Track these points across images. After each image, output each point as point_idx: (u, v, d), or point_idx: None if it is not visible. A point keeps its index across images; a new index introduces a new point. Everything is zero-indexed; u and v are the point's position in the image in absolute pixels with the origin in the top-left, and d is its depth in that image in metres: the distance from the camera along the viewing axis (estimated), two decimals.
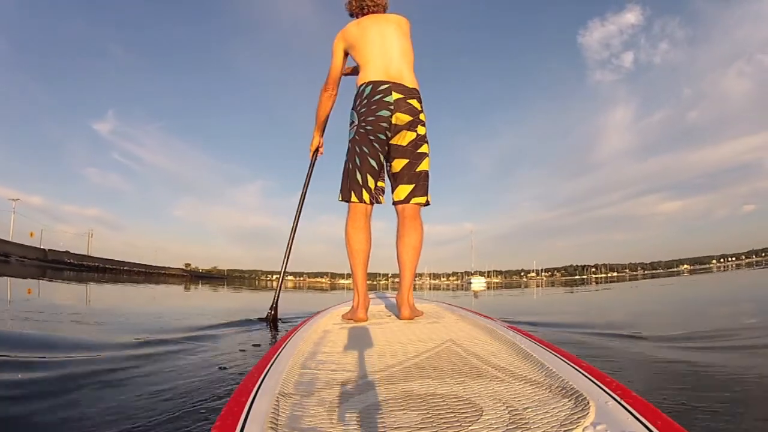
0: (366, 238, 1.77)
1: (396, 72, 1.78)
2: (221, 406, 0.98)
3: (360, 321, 1.64)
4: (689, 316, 3.87)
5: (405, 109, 1.73)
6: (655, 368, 1.73)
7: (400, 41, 1.84)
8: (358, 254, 1.75)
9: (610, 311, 5.21)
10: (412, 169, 1.78)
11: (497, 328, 1.25)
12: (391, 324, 1.58)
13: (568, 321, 3.70)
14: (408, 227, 1.77)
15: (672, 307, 5.13)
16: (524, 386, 0.78)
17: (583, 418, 0.62)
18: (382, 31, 1.84)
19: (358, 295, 1.72)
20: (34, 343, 2.04)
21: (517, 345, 1.04)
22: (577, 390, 0.72)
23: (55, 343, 2.11)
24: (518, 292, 14.61)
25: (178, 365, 1.80)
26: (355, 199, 1.76)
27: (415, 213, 1.79)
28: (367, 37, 1.84)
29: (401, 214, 1.80)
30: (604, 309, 5.69)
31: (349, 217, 1.78)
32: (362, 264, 1.75)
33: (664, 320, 3.73)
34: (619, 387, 0.71)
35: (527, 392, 0.75)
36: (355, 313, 1.69)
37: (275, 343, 1.18)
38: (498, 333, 1.21)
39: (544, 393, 0.74)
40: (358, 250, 1.75)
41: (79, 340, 2.28)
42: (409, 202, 1.79)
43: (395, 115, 1.72)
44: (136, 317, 3.84)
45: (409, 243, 1.75)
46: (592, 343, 2.34)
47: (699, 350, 2.04)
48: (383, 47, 1.81)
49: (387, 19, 1.90)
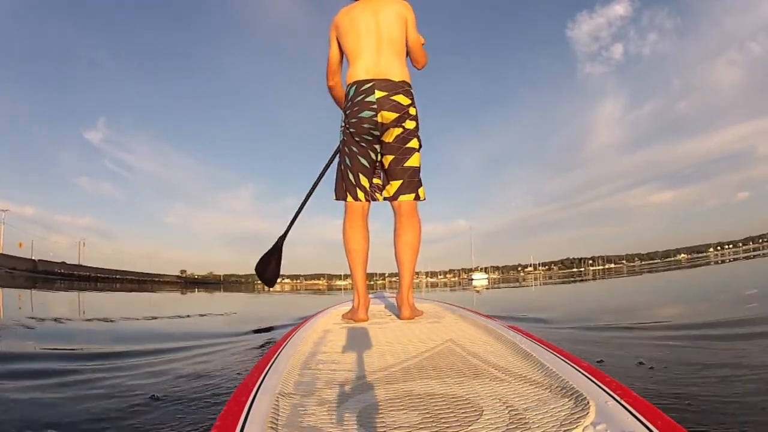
0: (364, 238, 1.76)
1: (382, 67, 1.71)
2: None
3: (360, 321, 1.64)
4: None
5: (389, 107, 1.68)
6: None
7: (390, 30, 1.75)
8: (356, 254, 1.74)
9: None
10: (399, 164, 1.74)
11: (497, 328, 1.25)
12: (391, 324, 1.58)
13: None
14: (404, 225, 1.75)
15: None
16: (524, 386, 0.78)
17: (583, 418, 0.62)
18: (372, 19, 1.75)
19: (358, 295, 1.72)
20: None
21: (517, 345, 1.04)
22: (577, 390, 0.72)
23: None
24: (519, 286, 14.55)
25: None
26: (350, 199, 1.75)
27: (410, 210, 1.76)
28: (355, 28, 1.76)
29: (397, 212, 1.78)
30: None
31: (345, 216, 1.77)
32: (361, 264, 1.75)
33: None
34: (619, 387, 0.70)
35: (527, 392, 0.75)
36: (355, 313, 1.69)
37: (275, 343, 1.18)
38: (498, 333, 1.21)
39: (544, 393, 0.74)
40: (356, 249, 1.74)
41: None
42: (397, 198, 1.76)
43: (380, 114, 1.68)
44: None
45: (407, 241, 1.74)
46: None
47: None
48: (370, 39, 1.74)
49: (381, 4, 1.78)
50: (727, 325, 2.48)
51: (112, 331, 3.52)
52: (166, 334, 3.24)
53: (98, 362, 2.01)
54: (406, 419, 0.66)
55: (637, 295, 6.77)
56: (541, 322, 3.41)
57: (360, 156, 1.74)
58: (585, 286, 11.44)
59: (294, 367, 0.95)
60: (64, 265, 42.03)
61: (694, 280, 9.10)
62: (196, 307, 7.79)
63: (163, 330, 3.66)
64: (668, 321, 2.93)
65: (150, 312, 5.70)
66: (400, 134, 1.73)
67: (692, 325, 2.68)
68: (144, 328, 3.98)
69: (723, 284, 6.93)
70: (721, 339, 2.15)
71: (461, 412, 0.67)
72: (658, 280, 11.16)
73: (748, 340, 2.05)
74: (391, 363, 0.98)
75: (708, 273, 11.64)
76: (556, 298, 8.19)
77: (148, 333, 3.43)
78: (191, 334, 3.22)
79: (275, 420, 0.65)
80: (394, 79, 1.72)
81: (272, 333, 3.22)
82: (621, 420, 0.60)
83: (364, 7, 1.79)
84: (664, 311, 3.89)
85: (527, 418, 0.64)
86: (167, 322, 4.57)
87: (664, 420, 0.59)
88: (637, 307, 4.45)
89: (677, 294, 6.13)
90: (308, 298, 11.71)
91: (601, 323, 3.11)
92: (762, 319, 2.51)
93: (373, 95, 1.68)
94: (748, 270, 10.68)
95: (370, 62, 1.73)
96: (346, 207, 1.77)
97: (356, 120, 1.70)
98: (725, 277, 9.15)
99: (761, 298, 3.69)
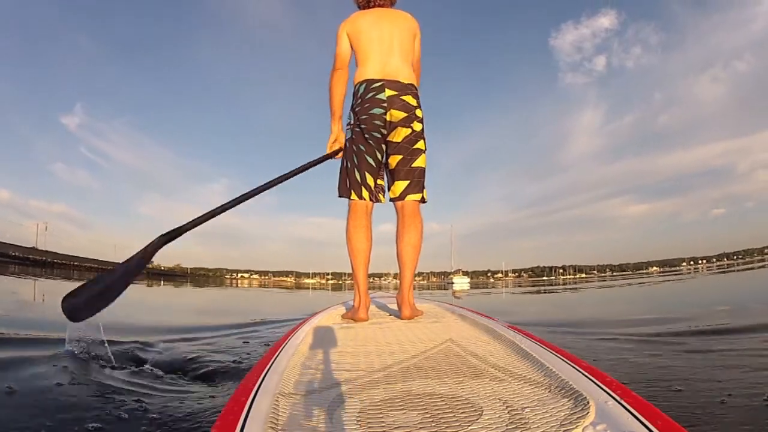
0: (367, 237, 1.76)
1: (392, 69, 1.76)
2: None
3: (360, 321, 1.64)
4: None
5: (399, 106, 1.72)
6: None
7: (402, 38, 1.82)
8: (359, 254, 1.74)
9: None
10: (406, 165, 1.76)
11: (497, 328, 1.25)
12: (391, 324, 1.58)
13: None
14: (407, 225, 1.76)
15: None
16: (524, 386, 0.78)
17: (583, 418, 0.62)
18: (385, 27, 1.82)
19: (359, 295, 1.72)
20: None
21: (517, 345, 1.04)
22: (577, 390, 0.72)
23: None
24: (493, 292, 14.58)
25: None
26: (354, 197, 1.75)
27: (414, 210, 1.78)
28: (368, 32, 1.81)
29: (400, 212, 1.79)
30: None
31: (349, 215, 1.77)
32: (363, 263, 1.75)
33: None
34: (619, 387, 0.70)
35: (527, 392, 0.75)
36: (355, 312, 1.69)
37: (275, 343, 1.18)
38: (498, 333, 1.21)
39: (544, 393, 0.74)
40: (359, 249, 1.74)
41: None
42: (404, 198, 1.77)
43: (390, 112, 1.71)
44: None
45: (409, 241, 1.74)
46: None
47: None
48: (382, 44, 1.79)
49: (392, 15, 1.86)
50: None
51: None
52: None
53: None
54: (405, 419, 0.66)
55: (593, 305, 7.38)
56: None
57: (367, 155, 1.75)
58: (559, 294, 11.65)
59: (294, 367, 0.95)
60: (18, 248, 40.98)
61: (658, 294, 9.36)
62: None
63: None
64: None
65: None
66: (408, 135, 1.76)
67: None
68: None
69: (694, 299, 7.08)
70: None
71: (461, 412, 0.67)
72: (625, 292, 11.27)
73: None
74: (391, 363, 0.98)
75: (678, 287, 11.75)
76: (549, 302, 8.56)
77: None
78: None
79: (275, 420, 0.65)
80: (403, 80, 1.76)
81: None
82: (621, 420, 0.60)
83: (380, 15, 1.86)
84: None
85: (527, 418, 0.64)
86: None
87: (664, 420, 0.59)
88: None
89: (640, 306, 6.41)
90: (282, 296, 11.64)
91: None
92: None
93: (384, 93, 1.71)
94: (720, 284, 10.83)
95: (380, 64, 1.77)
96: (350, 206, 1.78)
97: (367, 116, 1.72)
98: (694, 290, 9.35)
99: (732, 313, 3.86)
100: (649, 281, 17.39)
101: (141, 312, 5.12)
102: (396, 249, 1.77)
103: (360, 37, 1.82)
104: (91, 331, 1.99)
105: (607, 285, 15.56)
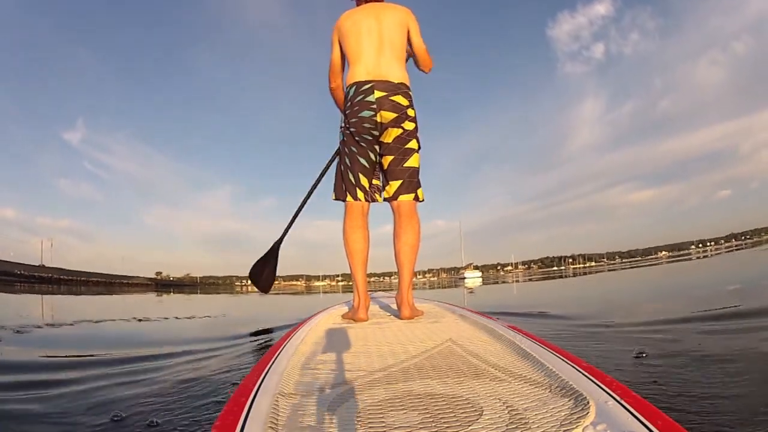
0: (364, 238, 1.76)
1: (383, 68, 1.73)
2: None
3: (360, 321, 1.64)
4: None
5: (388, 107, 1.70)
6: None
7: (391, 35, 1.78)
8: (356, 254, 1.74)
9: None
10: (398, 165, 1.75)
11: (497, 328, 1.25)
12: (391, 324, 1.58)
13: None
14: (404, 225, 1.75)
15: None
16: (524, 386, 0.78)
17: (583, 418, 0.62)
18: (372, 24, 1.78)
19: (358, 295, 1.72)
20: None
21: (517, 345, 1.04)
22: (577, 390, 0.72)
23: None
24: (506, 287, 14.40)
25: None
26: (350, 198, 1.75)
27: (410, 211, 1.77)
28: (356, 31, 1.79)
29: (396, 212, 1.79)
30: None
31: (345, 216, 1.77)
32: (361, 264, 1.75)
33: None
34: (619, 387, 0.70)
35: (527, 392, 0.75)
36: (355, 312, 1.69)
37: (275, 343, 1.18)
38: (498, 333, 1.21)
39: (544, 393, 0.74)
40: (357, 250, 1.74)
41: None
42: (397, 198, 1.76)
43: (379, 114, 1.69)
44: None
45: (406, 241, 1.74)
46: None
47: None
48: (371, 42, 1.76)
49: (380, 10, 1.81)
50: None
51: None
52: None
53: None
54: (406, 419, 0.66)
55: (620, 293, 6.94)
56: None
57: (360, 156, 1.75)
58: (573, 281, 11.52)
59: (294, 367, 0.95)
60: (23, 267, 40.52)
61: (671, 278, 9.19)
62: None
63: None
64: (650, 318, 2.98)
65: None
66: (399, 135, 1.74)
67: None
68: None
69: (703, 280, 6.97)
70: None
71: (461, 412, 0.67)
72: (639, 275, 11.18)
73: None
74: (391, 363, 0.98)
75: (689, 268, 11.64)
76: (567, 292, 8.28)
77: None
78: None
79: (275, 420, 0.65)
80: (393, 80, 1.73)
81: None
82: (621, 420, 0.60)
83: (367, 12, 1.82)
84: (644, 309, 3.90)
85: (527, 418, 0.64)
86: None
87: (664, 420, 0.59)
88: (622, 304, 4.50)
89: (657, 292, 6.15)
90: (294, 300, 11.64)
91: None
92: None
93: (373, 95, 1.69)
94: (730, 265, 10.75)
95: (370, 64, 1.74)
96: (346, 207, 1.78)
97: (356, 120, 1.71)
98: (705, 272, 9.24)
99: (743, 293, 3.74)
100: (685, 262, 16.61)
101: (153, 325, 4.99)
102: (393, 249, 1.77)
103: (348, 38, 1.80)
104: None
105: (631, 268, 14.92)
